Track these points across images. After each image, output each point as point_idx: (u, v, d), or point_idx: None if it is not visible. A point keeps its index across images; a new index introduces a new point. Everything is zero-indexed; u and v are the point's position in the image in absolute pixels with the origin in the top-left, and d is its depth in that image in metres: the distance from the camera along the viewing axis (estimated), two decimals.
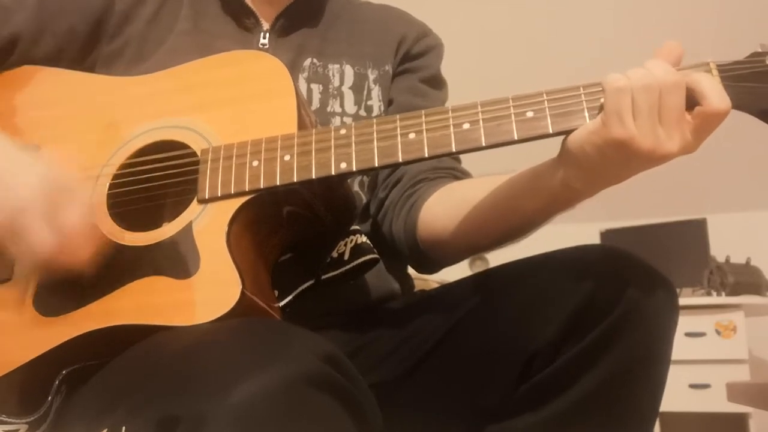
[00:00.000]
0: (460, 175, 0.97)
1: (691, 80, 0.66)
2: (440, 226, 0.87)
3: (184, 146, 0.77)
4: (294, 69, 0.93)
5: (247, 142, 0.73)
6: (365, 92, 0.97)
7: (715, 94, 0.65)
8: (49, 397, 0.71)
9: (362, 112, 0.96)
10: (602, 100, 0.67)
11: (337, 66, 0.97)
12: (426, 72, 1.03)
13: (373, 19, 1.05)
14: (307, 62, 0.96)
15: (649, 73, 0.66)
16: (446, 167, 0.96)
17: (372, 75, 0.98)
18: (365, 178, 0.96)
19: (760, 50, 0.69)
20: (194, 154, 0.76)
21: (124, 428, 0.56)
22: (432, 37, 1.06)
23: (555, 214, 0.78)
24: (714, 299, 2.86)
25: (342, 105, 0.95)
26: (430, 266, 0.94)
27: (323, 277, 0.82)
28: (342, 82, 0.96)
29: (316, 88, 0.95)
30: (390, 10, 1.08)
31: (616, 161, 0.68)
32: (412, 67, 1.03)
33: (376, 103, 0.97)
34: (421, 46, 1.04)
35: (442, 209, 0.88)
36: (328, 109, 0.94)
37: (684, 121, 0.66)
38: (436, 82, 1.04)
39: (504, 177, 0.81)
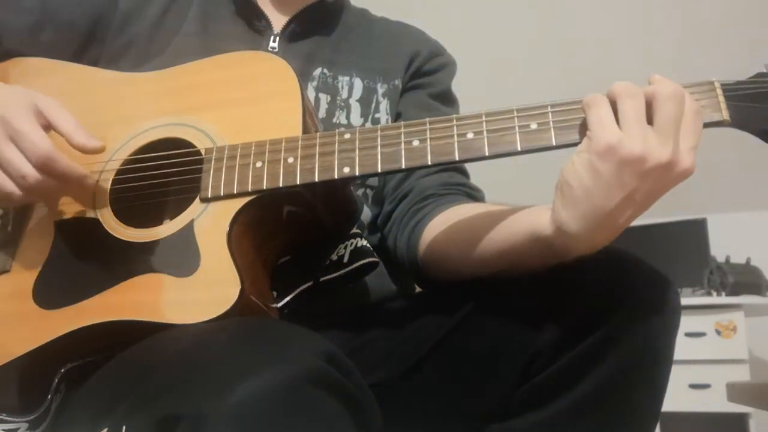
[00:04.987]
0: (471, 192, 0.95)
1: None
2: (440, 252, 0.86)
3: (188, 144, 0.77)
4: (304, 77, 0.93)
5: (252, 143, 0.74)
6: (373, 105, 0.97)
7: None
8: (49, 396, 0.71)
9: (368, 125, 0.95)
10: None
11: (347, 78, 0.97)
12: (436, 88, 1.03)
13: (388, 34, 1.05)
14: (317, 71, 0.96)
15: (634, 84, 0.65)
16: (456, 183, 0.95)
17: (381, 89, 0.98)
18: (369, 191, 0.96)
19: (765, 71, 0.69)
20: (198, 152, 0.76)
21: (124, 428, 0.56)
22: (446, 56, 1.06)
23: (549, 263, 0.72)
24: (714, 299, 2.85)
25: (348, 117, 0.95)
26: (428, 284, 0.93)
27: (322, 279, 0.81)
28: (350, 95, 0.96)
29: (324, 98, 0.95)
30: (406, 27, 1.08)
31: (609, 178, 0.64)
32: (422, 83, 1.02)
33: (383, 116, 0.97)
34: (433, 63, 1.04)
35: (445, 236, 0.86)
36: (334, 120, 0.94)
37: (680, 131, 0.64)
38: (446, 99, 1.04)
39: (510, 213, 0.77)
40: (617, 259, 0.72)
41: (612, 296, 0.69)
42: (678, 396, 2.67)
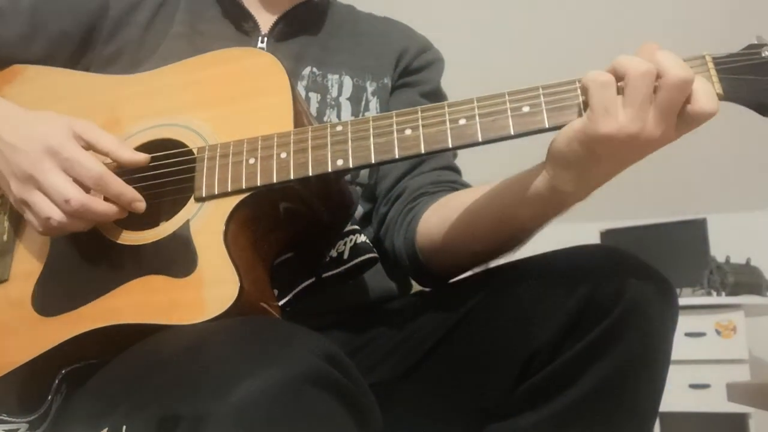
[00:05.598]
0: (461, 188, 0.95)
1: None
2: (437, 236, 0.86)
3: (180, 144, 0.77)
4: (293, 76, 0.93)
5: (243, 140, 0.73)
6: (363, 104, 0.97)
7: (705, 96, 0.64)
8: (49, 397, 0.71)
9: None
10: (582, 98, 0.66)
11: (336, 76, 0.97)
12: (426, 86, 1.03)
13: (375, 31, 1.05)
14: (307, 71, 0.96)
15: (645, 63, 0.64)
16: (447, 181, 0.95)
17: (371, 87, 0.98)
18: (359, 188, 0.96)
19: (756, 42, 0.68)
20: (191, 152, 0.76)
21: (124, 427, 0.56)
22: (433, 52, 1.06)
23: (548, 219, 0.76)
24: (714, 299, 2.86)
25: (339, 115, 0.95)
26: (431, 280, 0.92)
27: (323, 275, 0.81)
28: (340, 93, 0.96)
29: (314, 97, 0.95)
30: (392, 23, 1.08)
31: (604, 156, 0.66)
32: (411, 81, 1.02)
33: (373, 114, 0.97)
34: (421, 60, 1.04)
35: (439, 219, 0.86)
36: (325, 118, 0.94)
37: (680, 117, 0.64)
38: (436, 97, 1.03)
39: (498, 185, 0.79)
40: (615, 259, 0.72)
41: (610, 296, 0.69)
42: (678, 396, 2.67)
